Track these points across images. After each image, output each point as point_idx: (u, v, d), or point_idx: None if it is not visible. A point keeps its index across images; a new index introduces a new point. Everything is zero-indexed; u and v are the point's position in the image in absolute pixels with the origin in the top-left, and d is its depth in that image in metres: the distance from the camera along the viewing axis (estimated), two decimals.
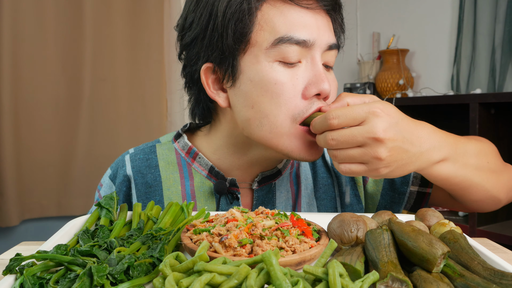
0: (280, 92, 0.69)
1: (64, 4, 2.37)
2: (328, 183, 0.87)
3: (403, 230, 0.53)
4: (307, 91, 0.70)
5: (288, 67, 0.70)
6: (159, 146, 0.86)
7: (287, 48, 0.69)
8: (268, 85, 0.69)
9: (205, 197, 0.81)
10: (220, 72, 0.73)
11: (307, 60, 0.71)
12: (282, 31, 0.69)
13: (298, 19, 0.70)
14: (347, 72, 2.72)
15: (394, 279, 0.45)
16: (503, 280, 0.46)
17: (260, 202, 0.82)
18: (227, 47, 0.70)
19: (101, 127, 2.49)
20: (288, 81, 0.70)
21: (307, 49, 0.70)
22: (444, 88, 2.20)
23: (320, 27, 0.71)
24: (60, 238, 0.62)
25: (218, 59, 0.72)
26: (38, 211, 2.41)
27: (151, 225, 0.66)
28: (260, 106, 0.70)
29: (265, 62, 0.70)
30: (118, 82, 2.52)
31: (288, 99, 0.69)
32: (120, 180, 0.84)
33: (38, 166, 2.37)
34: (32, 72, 2.33)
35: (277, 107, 0.70)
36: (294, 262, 0.53)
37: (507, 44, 1.89)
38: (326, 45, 0.72)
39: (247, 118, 0.72)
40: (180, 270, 0.46)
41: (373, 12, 2.55)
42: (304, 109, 0.70)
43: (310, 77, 0.71)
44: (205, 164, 0.82)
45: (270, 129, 0.71)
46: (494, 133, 1.73)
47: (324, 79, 0.70)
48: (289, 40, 0.69)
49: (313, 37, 0.70)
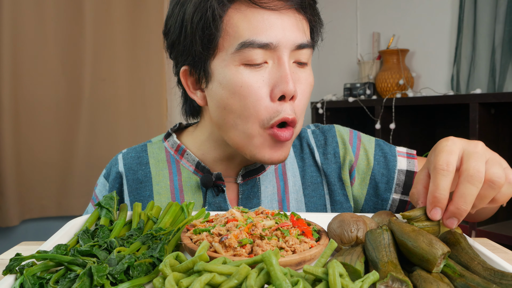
0: (246, 94, 0.71)
1: (64, 4, 2.37)
2: (318, 182, 0.89)
3: (403, 230, 0.53)
4: (273, 93, 0.71)
5: (254, 69, 0.71)
6: (150, 145, 0.90)
7: (250, 52, 0.70)
8: (235, 88, 0.71)
9: (192, 191, 0.84)
10: (195, 74, 0.77)
11: (274, 61, 0.72)
12: (245, 35, 0.70)
13: (262, 22, 0.70)
14: (347, 72, 2.72)
15: (394, 279, 0.45)
16: (503, 280, 0.46)
17: (245, 196, 0.84)
18: (196, 53, 0.74)
19: (101, 127, 2.50)
20: (254, 83, 0.71)
21: (272, 51, 0.71)
22: (444, 88, 2.20)
23: (286, 27, 0.72)
24: (60, 238, 0.63)
25: (192, 63, 0.76)
26: (38, 211, 2.41)
27: (151, 225, 0.66)
28: (231, 108, 0.73)
29: (232, 65, 0.72)
30: (118, 82, 2.52)
31: (256, 101, 0.71)
32: (113, 177, 0.88)
33: (38, 166, 2.37)
34: (32, 72, 2.33)
35: (246, 109, 0.72)
36: (294, 262, 0.53)
37: (507, 44, 1.89)
38: (293, 45, 0.72)
39: (221, 119, 0.75)
40: (180, 270, 0.46)
41: (373, 12, 2.55)
42: (272, 115, 0.72)
43: (276, 78, 0.71)
44: (192, 160, 0.85)
45: (242, 131, 0.73)
46: (494, 133, 1.73)
47: (287, 81, 0.70)
48: (251, 44, 0.70)
49: (277, 39, 0.71)
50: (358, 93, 2.31)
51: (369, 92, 2.29)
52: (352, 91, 2.33)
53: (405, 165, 0.89)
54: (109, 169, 0.90)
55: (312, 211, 0.87)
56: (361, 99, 2.22)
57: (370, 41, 2.54)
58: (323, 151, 0.90)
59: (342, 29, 2.73)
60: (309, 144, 0.90)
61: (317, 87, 2.91)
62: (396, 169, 0.88)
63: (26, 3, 2.28)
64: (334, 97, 2.46)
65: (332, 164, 0.88)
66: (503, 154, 1.77)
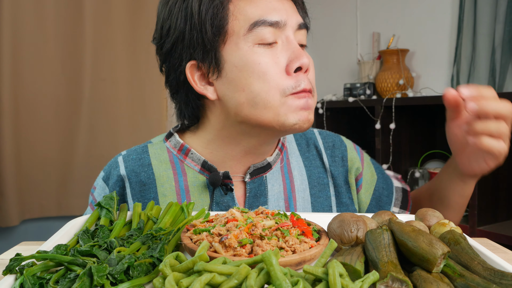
0: (265, 71, 0.75)
1: (64, 4, 2.37)
2: (324, 183, 0.90)
3: (403, 230, 0.53)
4: (289, 67, 0.76)
5: (267, 47, 0.76)
6: (151, 146, 0.89)
7: (262, 30, 0.75)
8: (253, 67, 0.75)
9: (198, 191, 0.83)
10: (204, 67, 0.78)
11: (283, 40, 0.77)
12: (255, 16, 0.75)
13: (267, 4, 0.76)
14: (347, 72, 2.72)
15: (394, 279, 0.45)
16: (503, 280, 0.46)
17: (252, 195, 0.84)
18: (208, 41, 0.76)
19: (101, 127, 2.49)
20: (270, 59, 0.75)
21: (281, 30, 0.77)
22: (444, 88, 2.20)
23: (288, 9, 0.78)
24: (60, 238, 0.62)
25: (201, 55, 0.77)
26: (38, 211, 2.41)
27: (151, 225, 0.66)
28: (250, 87, 0.75)
29: (245, 47, 0.75)
30: (118, 82, 2.52)
31: (274, 75, 0.75)
32: (114, 181, 0.85)
33: (38, 166, 2.37)
34: (32, 72, 2.33)
35: (266, 84, 0.75)
36: (294, 262, 0.53)
37: (507, 44, 1.89)
38: (296, 25, 0.78)
39: (240, 103, 0.77)
40: (180, 270, 0.46)
41: (373, 12, 2.55)
42: (293, 85, 0.76)
43: (289, 54, 0.76)
44: (198, 159, 0.84)
45: (264, 105, 0.75)
46: None
47: (302, 54, 0.76)
48: (263, 23, 0.75)
49: (284, 18, 0.76)
50: (358, 93, 2.31)
51: (369, 92, 2.29)
52: (352, 91, 2.33)
53: (398, 183, 1.00)
54: (109, 172, 0.87)
55: (318, 211, 0.88)
56: (361, 99, 2.22)
57: (370, 41, 2.54)
58: (331, 153, 0.92)
59: (342, 29, 2.73)
60: (316, 146, 0.92)
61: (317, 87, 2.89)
62: (393, 186, 0.98)
63: (26, 3, 2.28)
64: (334, 97, 2.45)
65: (340, 167, 0.91)
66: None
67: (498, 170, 1.74)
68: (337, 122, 2.47)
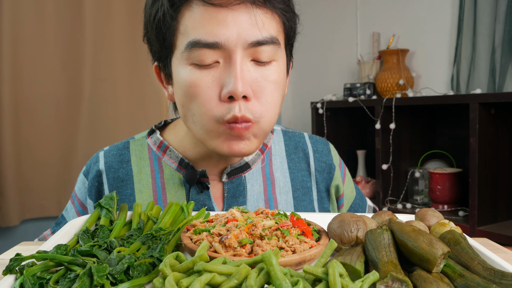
0: (195, 94, 0.70)
1: (64, 4, 2.37)
2: (308, 186, 0.90)
3: (403, 230, 0.53)
4: (222, 94, 0.69)
5: (203, 69, 0.69)
6: (133, 142, 0.89)
7: (198, 52, 0.68)
8: (185, 87, 0.71)
9: (175, 188, 0.83)
10: (162, 70, 0.79)
11: (226, 61, 0.69)
12: (191, 34, 0.68)
13: (210, 20, 0.67)
14: (347, 72, 2.72)
15: (394, 279, 0.45)
16: (503, 280, 0.46)
17: (231, 195, 0.83)
18: (156, 52, 0.76)
19: (101, 127, 2.49)
20: (203, 83, 0.69)
21: (222, 50, 0.68)
22: (444, 88, 2.20)
23: (240, 24, 0.67)
24: (60, 238, 0.62)
25: (158, 60, 0.79)
26: (38, 211, 2.41)
27: (151, 225, 0.66)
28: (187, 106, 0.73)
29: (183, 65, 0.71)
30: (118, 82, 2.52)
31: (205, 101, 0.70)
32: (93, 175, 0.86)
33: (38, 166, 2.37)
34: (32, 72, 2.32)
35: (198, 108, 0.71)
36: (294, 262, 0.53)
37: (507, 44, 1.89)
38: (245, 43, 0.68)
39: (183, 115, 0.76)
40: (180, 270, 0.46)
41: (373, 12, 2.55)
42: (224, 112, 0.69)
43: (225, 78, 0.69)
44: (176, 156, 0.84)
45: (200, 127, 0.73)
46: (494, 133, 1.73)
47: (235, 81, 0.67)
48: (197, 44, 0.68)
49: (225, 37, 0.67)
50: (358, 93, 2.30)
51: (369, 92, 2.29)
52: (352, 91, 2.33)
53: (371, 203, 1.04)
54: (89, 167, 0.88)
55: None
56: (361, 99, 2.22)
57: (370, 41, 2.54)
58: (320, 157, 0.92)
59: (342, 29, 2.73)
60: (304, 149, 0.91)
61: (317, 87, 2.91)
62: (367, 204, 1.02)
63: (26, 3, 2.28)
64: (334, 97, 2.45)
65: (324, 174, 0.91)
66: (503, 154, 1.77)
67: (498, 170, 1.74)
68: (337, 122, 2.47)
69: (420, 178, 2.11)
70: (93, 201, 0.85)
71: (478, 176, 1.67)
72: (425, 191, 2.10)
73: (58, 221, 0.91)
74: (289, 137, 0.93)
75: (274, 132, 0.93)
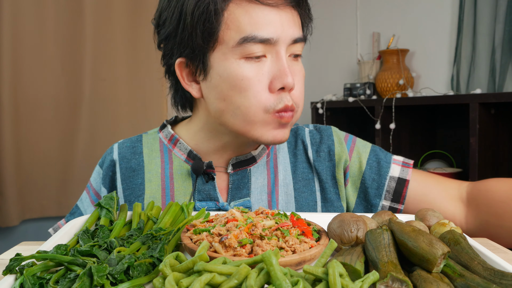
0: (247, 87, 0.74)
1: (64, 4, 2.37)
2: (309, 178, 0.90)
3: (403, 230, 0.53)
4: (272, 85, 0.75)
5: (253, 62, 0.74)
6: (146, 136, 0.93)
7: (252, 47, 0.73)
8: (235, 81, 0.74)
9: (182, 178, 0.86)
10: (192, 66, 0.79)
11: (272, 55, 0.75)
12: (247, 30, 0.73)
13: (263, 18, 0.73)
14: (347, 72, 2.72)
15: (394, 279, 0.45)
16: (503, 280, 0.46)
17: (235, 186, 0.86)
18: (196, 46, 0.75)
19: (101, 127, 2.49)
20: (254, 76, 0.74)
21: (272, 46, 0.74)
22: (444, 88, 2.20)
23: (285, 23, 0.75)
24: (60, 238, 0.63)
25: (190, 55, 0.77)
26: (38, 211, 2.41)
27: (151, 225, 0.66)
28: (231, 99, 0.75)
29: (232, 59, 0.74)
30: (118, 82, 2.52)
31: (256, 93, 0.74)
32: (107, 165, 0.91)
33: (38, 166, 2.37)
34: (32, 72, 2.32)
35: (247, 100, 0.75)
36: (294, 262, 0.53)
37: (507, 44, 1.89)
38: (290, 40, 0.76)
39: (220, 109, 0.78)
40: (180, 270, 0.46)
41: (373, 12, 2.55)
42: (275, 102, 0.75)
43: (275, 71, 0.75)
44: (185, 148, 0.88)
45: (243, 119, 0.76)
46: (494, 133, 1.73)
47: (287, 74, 0.74)
48: (253, 39, 0.73)
49: (277, 34, 0.74)
50: (358, 93, 2.31)
51: (369, 92, 2.29)
52: (352, 91, 2.33)
53: (397, 172, 0.89)
54: (104, 157, 0.93)
55: (302, 206, 0.88)
56: (361, 99, 2.22)
57: (370, 41, 2.54)
58: (317, 148, 0.91)
59: (342, 29, 2.73)
60: (303, 141, 0.92)
61: (317, 87, 2.91)
62: (388, 175, 0.88)
63: (26, 3, 2.28)
64: (334, 97, 2.45)
65: (326, 162, 0.90)
66: (503, 154, 1.77)
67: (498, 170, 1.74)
68: (337, 122, 2.47)
69: None
70: (107, 190, 0.89)
71: (478, 176, 1.67)
72: None
73: (72, 211, 0.94)
74: (292, 132, 0.95)
75: None
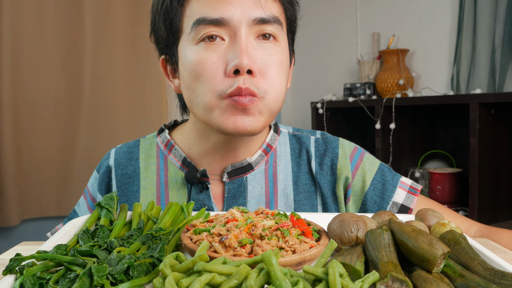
0: (201, 72, 0.72)
1: (64, 4, 2.37)
2: (311, 190, 0.86)
3: (403, 230, 0.53)
4: (227, 68, 0.71)
5: (209, 45, 0.72)
6: (143, 140, 0.92)
7: (204, 29, 0.72)
8: (192, 66, 0.73)
9: (177, 187, 0.85)
10: (169, 62, 0.81)
11: (231, 38, 0.72)
12: (198, 13, 0.72)
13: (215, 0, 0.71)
14: (347, 72, 2.72)
15: (394, 279, 0.45)
16: (503, 280, 0.46)
17: (231, 196, 0.83)
18: (164, 40, 0.79)
19: (101, 127, 2.49)
20: (208, 60, 0.72)
21: (227, 27, 0.72)
22: (444, 88, 2.20)
23: (244, 3, 0.72)
24: (60, 238, 0.62)
25: (165, 51, 0.80)
26: (38, 211, 2.41)
27: (151, 225, 0.66)
28: (192, 87, 0.75)
29: (189, 46, 0.74)
30: (118, 82, 2.52)
31: (210, 77, 0.72)
32: (103, 171, 0.90)
33: (38, 166, 2.37)
34: (32, 72, 2.33)
35: (203, 86, 0.73)
36: (294, 262, 0.53)
37: (507, 44, 1.89)
38: (250, 19, 0.72)
39: (188, 100, 0.77)
40: (180, 270, 0.46)
41: (373, 12, 2.55)
42: (228, 86, 0.71)
43: (230, 53, 0.71)
44: (179, 155, 0.86)
45: (203, 107, 0.74)
46: (494, 133, 1.73)
47: (240, 55, 0.69)
48: (203, 21, 0.72)
49: (230, 14, 0.71)
50: (358, 93, 2.31)
51: (369, 92, 2.29)
52: (352, 91, 2.33)
53: (402, 198, 0.85)
54: (101, 163, 0.92)
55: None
56: (361, 99, 2.22)
57: (370, 41, 2.54)
58: (320, 161, 0.87)
59: (342, 29, 2.73)
60: (308, 151, 0.88)
61: (317, 87, 2.91)
62: (391, 200, 0.84)
63: (26, 3, 2.28)
64: (334, 97, 2.45)
65: (328, 176, 0.86)
66: (503, 154, 1.77)
67: (498, 170, 1.74)
68: (337, 122, 2.47)
69: (420, 178, 2.11)
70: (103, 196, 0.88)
71: (478, 176, 1.67)
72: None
73: (70, 215, 0.93)
74: (297, 139, 0.90)
75: (281, 134, 0.90)
